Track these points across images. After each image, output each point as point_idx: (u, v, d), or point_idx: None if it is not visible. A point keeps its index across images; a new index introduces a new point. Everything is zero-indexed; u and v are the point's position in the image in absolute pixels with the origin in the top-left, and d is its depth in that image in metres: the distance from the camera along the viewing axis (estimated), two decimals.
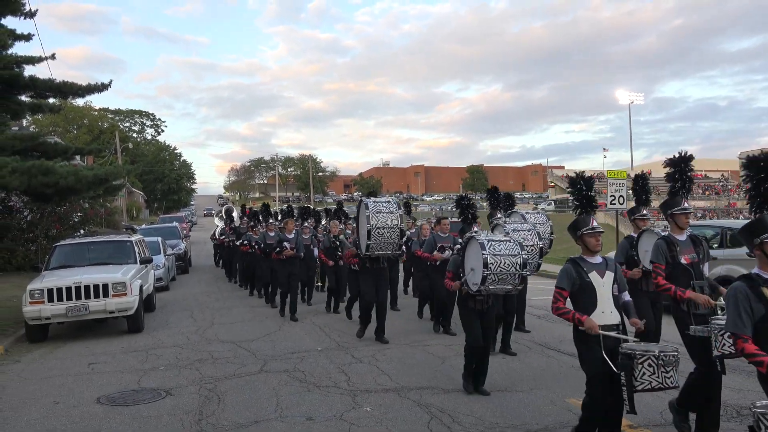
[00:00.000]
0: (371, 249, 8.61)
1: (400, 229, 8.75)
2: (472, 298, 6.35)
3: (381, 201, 8.95)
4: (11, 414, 6.32)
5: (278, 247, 11.42)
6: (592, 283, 4.61)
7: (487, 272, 5.91)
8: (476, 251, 6.09)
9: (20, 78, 19.51)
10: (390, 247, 8.71)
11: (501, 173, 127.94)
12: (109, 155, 51.31)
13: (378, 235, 8.52)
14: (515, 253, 6.09)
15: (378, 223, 8.50)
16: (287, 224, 11.87)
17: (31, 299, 9.89)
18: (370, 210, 8.56)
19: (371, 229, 8.46)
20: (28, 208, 19.04)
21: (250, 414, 5.98)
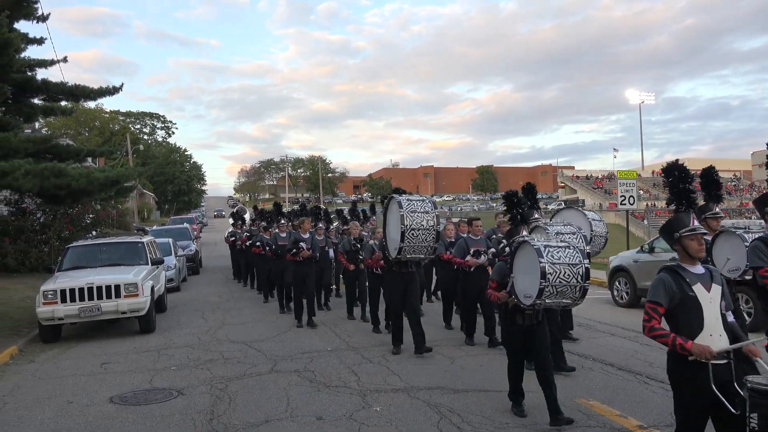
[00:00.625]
0: (403, 252, 7.76)
1: (437, 231, 7.90)
2: (520, 312, 5.51)
3: (415, 199, 8.03)
4: (26, 413, 6.40)
5: (294, 248, 10.73)
6: (698, 298, 3.69)
7: (545, 283, 5.06)
8: (530, 258, 5.25)
9: (33, 81, 19.73)
10: (424, 250, 7.84)
11: (511, 174, 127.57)
12: (121, 157, 51.67)
13: (412, 237, 7.67)
14: (576, 261, 5.23)
15: (413, 223, 7.64)
16: (303, 223, 11.26)
17: (44, 300, 9.99)
18: (404, 209, 7.68)
19: (405, 231, 7.60)
20: (41, 210, 19.21)
21: (261, 414, 6.03)
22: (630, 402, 6.04)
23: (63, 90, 20.49)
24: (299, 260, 10.71)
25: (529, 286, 5.23)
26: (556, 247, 5.32)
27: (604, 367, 7.37)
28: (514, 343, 5.70)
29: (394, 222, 7.91)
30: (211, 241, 38.65)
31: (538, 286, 5.09)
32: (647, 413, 5.68)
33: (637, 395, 6.20)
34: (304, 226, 11.16)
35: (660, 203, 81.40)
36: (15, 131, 18.05)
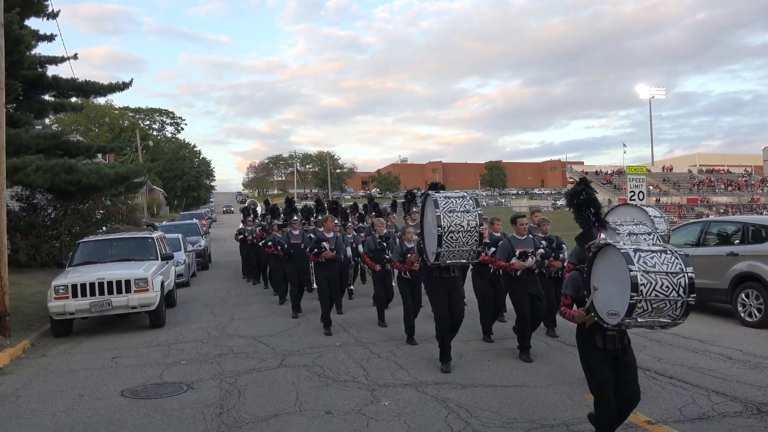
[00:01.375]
0: (442, 257, 6.91)
1: (479, 233, 6.93)
2: (600, 333, 4.50)
3: (454, 197, 7.07)
4: (39, 406, 6.48)
5: (316, 248, 9.89)
6: None
7: (637, 298, 4.01)
8: (616, 266, 4.23)
9: (44, 78, 19.89)
10: (466, 254, 6.97)
11: (519, 169, 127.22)
12: (130, 153, 51.94)
13: (451, 241, 6.79)
14: (676, 269, 4.14)
15: (451, 225, 6.77)
16: (326, 221, 10.46)
17: (55, 295, 10.09)
18: (440, 209, 6.79)
19: (443, 234, 6.72)
20: (51, 206, 19.35)
21: (270, 407, 6.07)
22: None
23: (73, 86, 20.65)
24: (321, 261, 9.95)
25: (615, 301, 4.21)
26: (650, 251, 4.24)
27: None
28: (599, 373, 4.52)
29: (431, 224, 7.02)
30: (220, 236, 38.77)
31: (627, 301, 4.06)
32: (656, 409, 5.68)
33: (646, 391, 6.17)
34: (328, 224, 10.37)
35: (670, 198, 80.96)
36: (26, 127, 18.23)
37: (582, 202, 4.90)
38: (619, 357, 4.52)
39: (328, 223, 10.40)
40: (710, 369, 7.01)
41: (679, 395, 5.88)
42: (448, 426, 5.41)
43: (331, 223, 10.43)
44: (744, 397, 5.97)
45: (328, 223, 10.38)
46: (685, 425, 5.21)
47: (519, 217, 8.28)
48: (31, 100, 20.27)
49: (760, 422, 5.33)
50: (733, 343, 8.24)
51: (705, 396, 6.05)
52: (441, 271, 7.31)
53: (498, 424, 5.42)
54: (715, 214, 59.12)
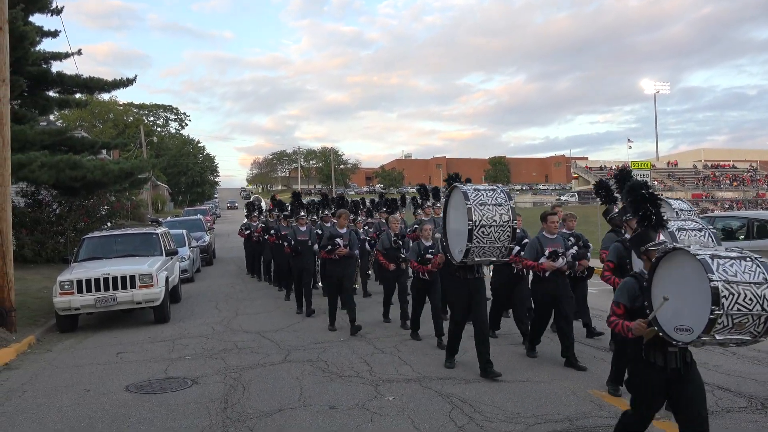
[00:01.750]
0: (471, 255, 6.42)
1: (512, 228, 6.48)
2: (660, 349, 3.87)
3: (484, 189, 6.63)
4: (45, 401, 6.52)
5: (329, 245, 9.46)
6: None
7: (718, 312, 3.46)
8: (689, 274, 3.66)
9: (48, 74, 19.94)
10: (496, 251, 6.51)
11: (524, 165, 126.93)
12: (135, 149, 52.04)
13: (482, 236, 6.33)
14: (760, 279, 3.62)
15: (483, 219, 6.31)
16: (340, 217, 9.95)
17: (61, 290, 10.13)
18: (471, 202, 6.34)
19: (474, 228, 6.27)
20: (56, 202, 19.41)
21: (275, 402, 6.09)
22: None
23: (77, 82, 20.69)
24: (335, 258, 9.47)
25: (686, 314, 3.66)
26: (728, 258, 3.68)
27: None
28: (648, 394, 3.98)
29: (459, 218, 6.55)
30: (225, 232, 38.86)
31: (706, 316, 3.48)
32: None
33: None
34: (341, 221, 9.88)
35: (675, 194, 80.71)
36: (31, 124, 18.28)
37: (642, 198, 4.27)
38: (683, 376, 3.88)
39: (341, 218, 9.90)
40: (715, 365, 7.01)
41: None
42: (452, 421, 5.42)
43: (345, 219, 9.95)
44: (748, 393, 5.96)
45: (341, 219, 9.89)
46: None
47: (550, 214, 7.48)
48: (36, 96, 20.31)
49: (764, 417, 5.33)
50: None
51: (709, 391, 6.01)
52: (465, 271, 6.79)
53: (502, 419, 5.43)
54: (719, 209, 58.94)
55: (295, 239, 11.26)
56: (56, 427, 5.69)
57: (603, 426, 5.19)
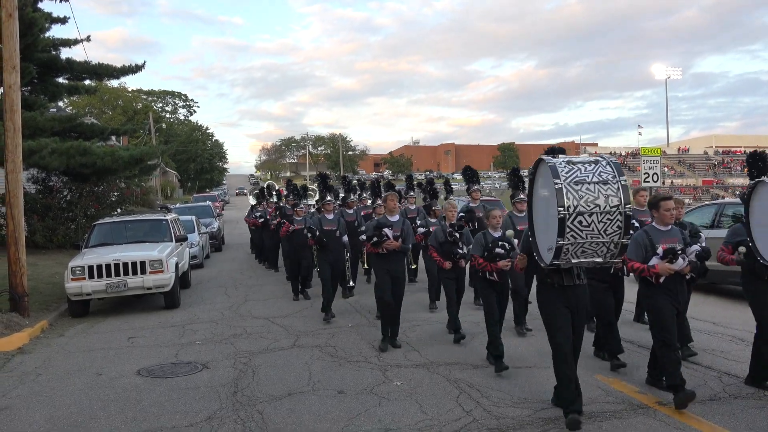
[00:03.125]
0: (565, 255, 4.63)
1: (624, 215, 4.55)
2: None
3: (580, 161, 4.72)
4: (58, 384, 6.62)
5: (375, 236, 7.52)
6: None
7: None
8: None
9: (57, 60, 20.00)
10: (602, 249, 4.65)
11: (533, 151, 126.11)
12: (144, 136, 52.19)
13: (580, 228, 4.52)
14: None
15: (580, 204, 4.47)
16: (387, 200, 7.96)
17: (72, 276, 10.24)
18: (562, 180, 4.52)
19: (567, 218, 4.47)
20: (67, 188, 19.55)
21: (284, 387, 6.16)
22: None
23: (87, 69, 20.76)
24: (381, 253, 7.57)
25: None
26: None
27: (624, 344, 7.36)
28: None
29: (547, 203, 4.78)
30: (233, 218, 39.00)
31: None
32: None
33: None
34: (390, 205, 7.89)
35: (685, 180, 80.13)
36: (41, 110, 18.38)
37: None
38: None
39: (388, 202, 7.93)
40: (722, 351, 7.01)
41: (690, 377, 5.86)
42: (460, 406, 5.46)
43: (394, 203, 7.97)
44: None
45: (389, 203, 7.93)
46: (696, 407, 5.22)
47: (664, 199, 5.63)
48: (46, 83, 20.40)
49: None
50: (746, 325, 8.18)
51: (716, 378, 6.05)
52: (560, 276, 5.04)
53: (509, 404, 5.46)
54: (730, 196, 58.46)
55: (321, 229, 9.62)
56: (69, 410, 5.78)
57: (609, 411, 5.22)
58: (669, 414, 5.11)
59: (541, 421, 5.08)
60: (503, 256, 6.68)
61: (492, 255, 6.71)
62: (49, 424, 5.42)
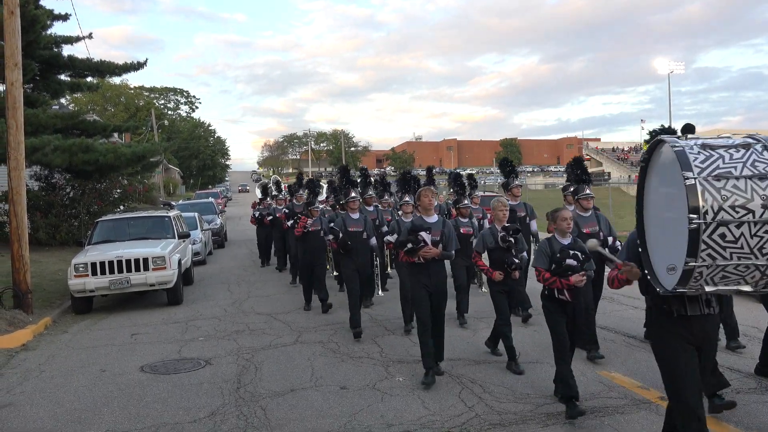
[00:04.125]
0: (697, 280, 3.28)
1: None
2: None
3: (724, 145, 3.33)
4: (62, 381, 6.65)
5: (411, 242, 6.08)
6: None
7: None
8: None
9: (59, 58, 20.00)
10: (754, 275, 3.27)
11: (535, 146, 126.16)
12: (146, 132, 52.22)
13: (723, 245, 3.16)
14: None
15: (724, 209, 3.11)
16: (422, 198, 6.32)
17: (75, 273, 10.27)
18: (695, 173, 3.18)
19: (704, 228, 3.13)
20: (70, 185, 19.57)
21: (286, 383, 6.18)
22: (651, 374, 6.02)
23: (89, 66, 20.76)
24: (418, 262, 6.15)
25: None
26: None
27: (627, 339, 7.38)
28: None
29: (668, 204, 3.46)
30: (236, 215, 39.05)
31: None
32: None
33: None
34: (425, 201, 6.32)
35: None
36: (43, 107, 18.40)
37: None
38: None
39: (424, 199, 6.31)
40: (721, 345, 6.99)
41: None
42: (462, 401, 5.47)
43: (428, 200, 6.31)
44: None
45: (424, 200, 6.31)
46: None
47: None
48: (48, 80, 20.40)
49: None
50: (749, 320, 8.18)
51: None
52: (683, 304, 3.72)
53: (511, 400, 5.47)
54: None
55: (345, 230, 8.34)
56: (73, 406, 5.81)
57: (612, 407, 5.22)
58: None
59: (543, 416, 5.09)
60: (576, 269, 5.32)
61: (562, 268, 5.32)
62: (53, 421, 5.45)
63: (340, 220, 8.58)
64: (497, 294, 6.63)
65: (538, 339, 7.52)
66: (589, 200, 7.22)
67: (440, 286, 6.21)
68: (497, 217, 6.89)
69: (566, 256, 5.32)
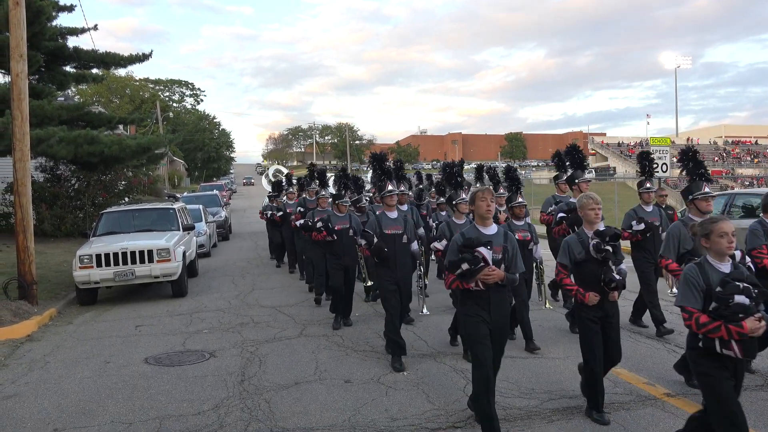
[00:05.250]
0: None
1: None
2: None
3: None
4: (66, 372, 6.65)
5: (467, 261, 4.44)
6: None
7: None
8: None
9: (65, 49, 19.99)
10: None
11: (540, 140, 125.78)
12: (151, 124, 52.24)
13: None
14: None
15: None
16: (478, 203, 4.72)
17: (80, 264, 10.28)
18: None
19: None
20: (75, 177, 19.61)
21: (291, 376, 6.17)
22: (657, 370, 6.01)
23: (94, 57, 20.75)
24: (475, 289, 4.53)
25: None
26: None
27: (632, 335, 7.34)
28: None
29: None
30: (240, 207, 39.10)
31: None
32: (675, 382, 5.66)
33: (665, 363, 6.16)
34: (482, 207, 4.72)
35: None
36: (49, 99, 18.38)
37: None
38: None
39: (481, 203, 4.73)
40: None
41: None
42: (466, 395, 5.44)
43: (486, 205, 4.70)
44: (765, 371, 5.92)
45: (481, 205, 4.73)
46: None
47: None
48: (53, 71, 20.42)
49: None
50: None
51: None
52: None
53: (516, 395, 5.45)
54: (740, 186, 58.05)
55: (379, 229, 6.69)
56: (77, 397, 5.81)
57: (617, 402, 5.20)
58: (677, 405, 5.08)
59: (548, 412, 5.07)
60: (749, 310, 3.52)
61: (730, 309, 3.53)
62: (57, 412, 5.45)
63: (374, 220, 6.82)
64: (588, 325, 4.88)
65: (542, 335, 7.49)
66: (649, 194, 6.82)
67: (503, 321, 4.69)
68: (587, 218, 5.04)
69: (735, 290, 3.56)
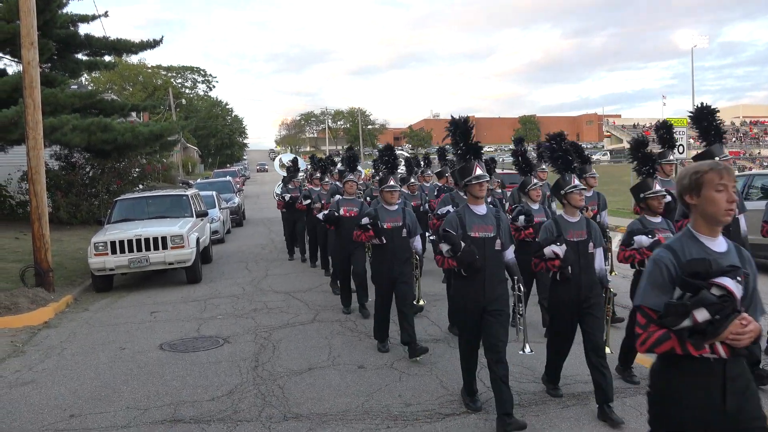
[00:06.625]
0: None
1: None
2: None
3: None
4: (82, 358, 6.71)
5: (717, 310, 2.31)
6: None
7: None
8: None
9: (76, 36, 20.02)
10: None
11: (554, 123, 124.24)
12: (164, 111, 52.39)
13: None
14: None
15: None
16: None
17: (95, 251, 10.35)
18: None
19: None
20: (89, 164, 19.73)
21: (304, 361, 6.17)
22: None
23: (105, 44, 20.76)
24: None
25: None
26: None
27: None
28: None
29: None
30: (254, 193, 39.20)
31: None
32: None
33: None
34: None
35: None
36: (61, 87, 18.44)
37: None
38: None
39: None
40: None
41: None
42: (481, 381, 5.41)
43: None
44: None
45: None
46: None
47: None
48: (65, 59, 20.46)
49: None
50: None
51: None
52: None
53: (530, 380, 5.42)
54: (758, 167, 57.21)
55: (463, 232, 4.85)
56: (93, 383, 5.86)
57: (631, 387, 5.15)
58: None
59: (563, 397, 5.02)
60: None
61: None
62: (73, 398, 5.50)
63: (454, 217, 5.26)
64: None
65: None
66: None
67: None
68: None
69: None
